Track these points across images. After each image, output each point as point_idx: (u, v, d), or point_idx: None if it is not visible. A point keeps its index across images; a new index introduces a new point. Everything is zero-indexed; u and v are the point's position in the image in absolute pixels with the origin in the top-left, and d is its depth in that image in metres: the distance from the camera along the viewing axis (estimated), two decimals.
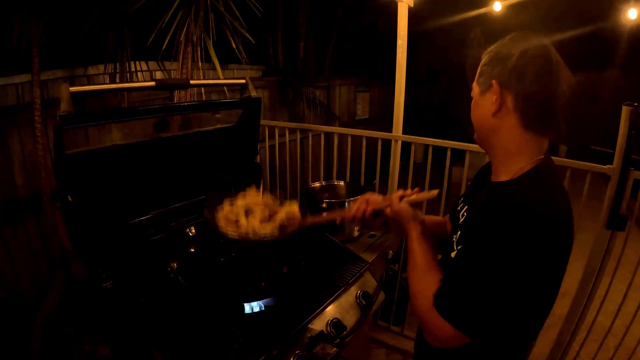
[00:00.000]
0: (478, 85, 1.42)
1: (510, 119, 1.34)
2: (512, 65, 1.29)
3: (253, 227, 2.02)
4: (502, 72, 1.32)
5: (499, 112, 1.35)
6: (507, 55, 1.31)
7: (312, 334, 1.81)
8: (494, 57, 1.36)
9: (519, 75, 1.29)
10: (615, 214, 2.72)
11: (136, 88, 2.62)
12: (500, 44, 1.38)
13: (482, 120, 1.42)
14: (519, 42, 1.33)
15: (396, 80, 3.44)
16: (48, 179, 3.30)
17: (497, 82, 1.32)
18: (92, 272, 2.05)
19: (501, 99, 1.33)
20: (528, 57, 1.28)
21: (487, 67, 1.38)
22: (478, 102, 1.43)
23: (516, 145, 1.36)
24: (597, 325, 3.02)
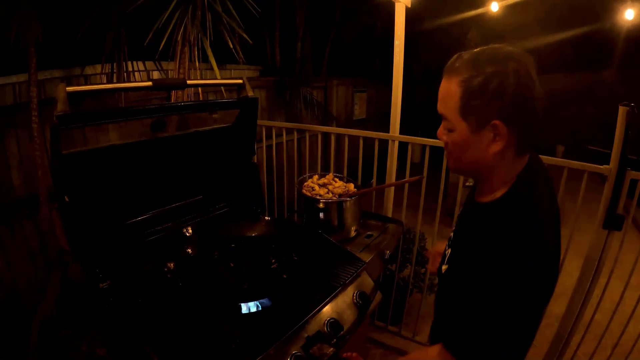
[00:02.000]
0: (465, 121, 1.27)
1: (510, 151, 1.28)
2: (512, 100, 1.19)
3: (320, 193, 2.79)
4: (501, 109, 1.20)
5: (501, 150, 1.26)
6: (500, 88, 1.18)
7: (310, 334, 1.81)
8: (483, 90, 1.20)
9: (520, 109, 1.21)
10: (612, 214, 2.73)
11: (133, 88, 2.62)
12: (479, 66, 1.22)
13: (475, 159, 1.32)
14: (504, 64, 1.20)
15: (393, 81, 3.44)
16: (45, 179, 3.30)
17: (500, 121, 1.21)
18: (89, 273, 2.05)
19: (507, 135, 1.23)
20: (521, 84, 1.19)
21: (478, 102, 1.22)
22: (469, 142, 1.29)
23: (509, 170, 1.32)
24: (594, 325, 3.03)
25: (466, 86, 1.23)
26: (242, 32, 3.76)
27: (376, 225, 2.97)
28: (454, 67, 1.27)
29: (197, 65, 3.61)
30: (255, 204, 3.01)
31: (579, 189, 2.84)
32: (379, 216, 3.12)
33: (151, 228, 2.49)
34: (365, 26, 9.37)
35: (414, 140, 3.44)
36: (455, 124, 1.29)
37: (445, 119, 1.33)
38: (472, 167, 1.36)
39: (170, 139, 2.58)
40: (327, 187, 2.87)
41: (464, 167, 1.40)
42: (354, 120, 9.52)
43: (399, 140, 3.51)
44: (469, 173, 1.43)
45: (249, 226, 2.81)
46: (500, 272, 1.18)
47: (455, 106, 1.27)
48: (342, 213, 2.71)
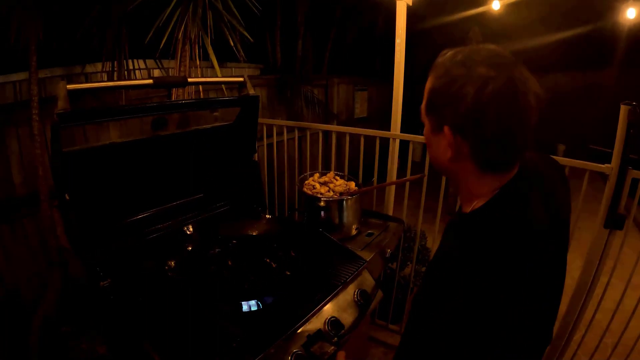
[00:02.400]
0: (428, 118, 1.21)
1: (468, 164, 1.16)
2: (467, 109, 1.06)
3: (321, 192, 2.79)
4: (455, 115, 1.09)
5: (454, 159, 1.16)
6: (459, 94, 1.06)
7: (310, 333, 1.81)
8: (443, 93, 1.11)
9: (476, 121, 1.06)
10: (613, 213, 2.72)
11: (133, 86, 2.61)
12: (448, 69, 1.12)
13: (437, 161, 1.25)
14: (474, 69, 1.07)
15: (394, 79, 3.44)
16: (45, 177, 3.29)
17: (449, 128, 1.11)
18: (89, 271, 2.05)
19: (455, 146, 1.13)
20: (486, 96, 1.04)
21: (437, 102, 1.15)
22: (430, 140, 1.23)
23: (473, 185, 1.19)
24: (595, 324, 3.02)
25: (433, 84, 1.15)
26: (243, 30, 3.76)
27: (377, 224, 2.97)
28: (437, 62, 1.18)
29: (197, 63, 3.61)
30: (256, 202, 3.01)
31: (580, 188, 2.83)
32: (380, 215, 3.12)
33: (152, 226, 2.49)
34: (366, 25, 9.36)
35: (415, 139, 3.43)
36: (423, 119, 1.24)
37: (421, 114, 1.24)
38: (438, 168, 1.29)
39: (171, 137, 2.58)
40: (328, 185, 2.86)
41: (434, 166, 1.32)
42: (355, 119, 9.52)
43: (400, 138, 3.50)
44: (441, 173, 1.32)
45: (250, 224, 2.80)
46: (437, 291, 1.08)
47: (425, 101, 1.20)
48: (343, 211, 2.70)
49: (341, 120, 8.70)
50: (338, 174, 3.01)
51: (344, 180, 2.95)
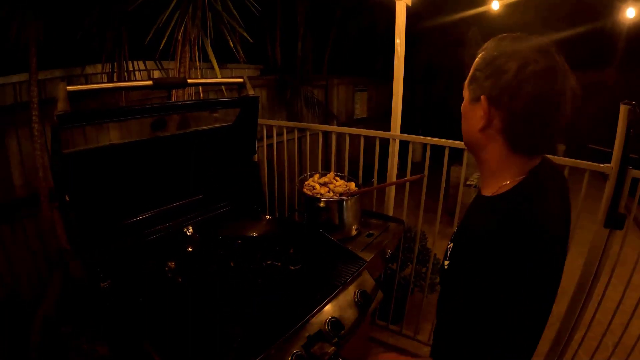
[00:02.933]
0: (468, 90, 1.29)
1: (497, 139, 1.23)
2: (506, 82, 1.14)
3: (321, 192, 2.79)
4: (494, 87, 1.17)
5: (486, 129, 1.23)
6: (503, 68, 1.15)
7: (311, 333, 1.81)
8: (488, 64, 1.20)
9: (512, 95, 1.14)
10: (613, 213, 2.73)
11: (133, 87, 2.62)
12: (497, 46, 1.21)
13: (469, 132, 1.31)
14: (520, 51, 1.15)
15: (394, 79, 3.44)
16: (46, 179, 3.30)
17: (486, 98, 1.19)
18: (90, 272, 2.05)
19: (489, 117, 1.20)
20: (527, 74, 1.12)
21: (480, 74, 1.23)
22: (467, 111, 1.31)
23: (501, 165, 1.26)
24: (595, 324, 3.03)
25: (482, 57, 1.24)
26: (243, 31, 3.76)
27: (377, 224, 2.97)
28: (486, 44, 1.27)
29: (197, 64, 3.61)
30: (256, 203, 3.01)
31: (580, 187, 2.83)
32: (380, 215, 3.12)
33: (152, 227, 2.50)
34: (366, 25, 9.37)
35: (415, 139, 3.43)
36: (464, 93, 1.31)
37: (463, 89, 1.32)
38: (467, 139, 1.35)
39: (171, 138, 2.58)
40: (328, 186, 2.86)
41: (465, 140, 1.37)
42: (355, 119, 9.52)
43: (400, 139, 3.50)
44: (470, 148, 1.37)
45: (250, 225, 2.80)
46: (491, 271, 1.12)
47: (469, 74, 1.28)
48: (343, 212, 2.71)
49: (341, 120, 8.70)
50: (338, 175, 3.00)
51: (344, 181, 2.95)
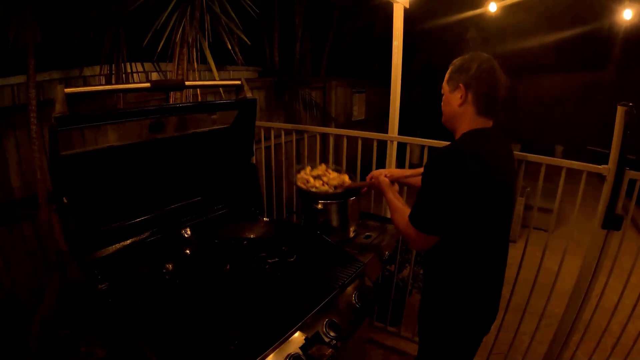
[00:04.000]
0: (448, 86, 2.04)
1: (469, 108, 1.98)
2: (472, 74, 1.93)
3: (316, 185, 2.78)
4: (466, 78, 1.95)
5: (462, 104, 1.98)
6: (469, 67, 1.94)
7: (309, 335, 1.81)
8: (459, 68, 1.98)
9: (476, 80, 1.93)
10: (610, 214, 2.73)
11: (131, 89, 2.62)
12: (462, 59, 1.99)
13: (450, 110, 2.05)
14: (476, 59, 1.94)
15: (392, 81, 3.45)
16: (44, 181, 3.30)
17: (463, 85, 1.96)
18: (87, 274, 2.05)
19: (465, 96, 1.96)
20: (482, 69, 1.92)
21: (455, 75, 2.00)
22: (449, 98, 2.04)
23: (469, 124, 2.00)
24: (593, 324, 3.03)
25: (453, 66, 2.03)
26: (241, 33, 3.76)
27: (375, 226, 2.97)
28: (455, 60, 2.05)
29: (195, 66, 3.61)
30: (254, 205, 3.01)
31: (578, 189, 2.84)
32: (377, 217, 3.12)
33: (150, 229, 2.49)
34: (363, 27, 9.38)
35: (413, 141, 3.44)
36: (444, 88, 2.07)
37: (442, 88, 2.08)
38: (449, 116, 2.08)
39: (169, 140, 2.58)
40: (322, 178, 2.86)
41: (445, 117, 2.11)
42: (353, 121, 9.53)
43: (398, 140, 3.51)
44: (449, 122, 2.10)
45: (248, 227, 2.81)
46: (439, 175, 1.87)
47: (446, 78, 2.05)
48: (341, 213, 2.70)
49: (339, 122, 8.71)
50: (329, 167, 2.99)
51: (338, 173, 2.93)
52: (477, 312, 2.09)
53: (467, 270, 2.01)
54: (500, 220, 2.04)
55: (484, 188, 1.86)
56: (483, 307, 2.12)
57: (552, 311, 3.16)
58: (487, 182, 1.87)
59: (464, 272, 2.01)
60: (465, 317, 2.07)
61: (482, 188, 1.85)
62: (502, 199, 1.99)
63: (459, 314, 2.06)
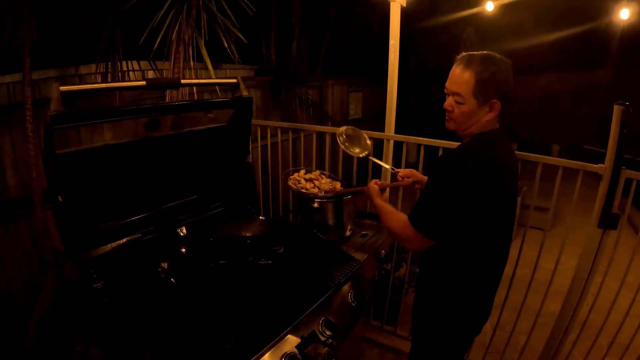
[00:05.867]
0: (475, 99, 1.87)
1: (493, 115, 1.89)
2: (504, 87, 1.84)
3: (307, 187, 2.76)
4: (499, 92, 1.84)
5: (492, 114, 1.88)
6: (499, 80, 1.82)
7: (304, 334, 1.81)
8: (490, 80, 1.81)
9: (507, 93, 1.85)
10: (607, 213, 2.73)
11: (126, 87, 2.61)
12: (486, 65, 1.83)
13: (474, 122, 1.92)
14: (500, 66, 1.83)
15: (388, 80, 3.44)
16: (39, 179, 3.29)
17: (497, 99, 1.84)
18: (83, 273, 2.05)
19: (497, 107, 1.86)
20: (509, 79, 1.84)
21: (485, 88, 1.83)
22: (475, 111, 1.89)
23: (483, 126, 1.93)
24: (589, 323, 3.03)
25: (479, 77, 1.83)
26: (237, 32, 3.76)
27: (371, 225, 2.97)
28: (469, 62, 1.87)
29: (191, 64, 3.61)
30: (250, 204, 3.01)
31: (575, 188, 2.84)
32: (374, 216, 3.11)
33: (145, 228, 2.49)
34: (360, 26, 9.37)
35: (409, 140, 3.43)
36: (467, 100, 1.88)
37: (459, 96, 1.90)
38: (468, 127, 1.96)
39: (165, 139, 2.57)
40: (314, 182, 2.84)
41: (461, 128, 1.98)
42: (350, 120, 9.52)
43: (394, 139, 3.50)
44: (462, 131, 1.99)
45: (244, 226, 2.80)
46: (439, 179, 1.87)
47: (469, 88, 1.86)
48: (337, 212, 2.70)
49: (336, 121, 8.70)
50: (324, 173, 2.99)
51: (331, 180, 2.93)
52: (470, 314, 2.09)
53: (465, 273, 1.99)
54: (503, 227, 2.01)
55: (495, 195, 1.84)
56: (477, 310, 2.11)
57: (549, 310, 3.16)
58: (497, 189, 1.85)
59: (461, 275, 2.00)
60: (459, 318, 2.06)
61: (493, 195, 1.82)
62: (509, 206, 2.00)
63: (452, 315, 2.06)
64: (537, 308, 3.13)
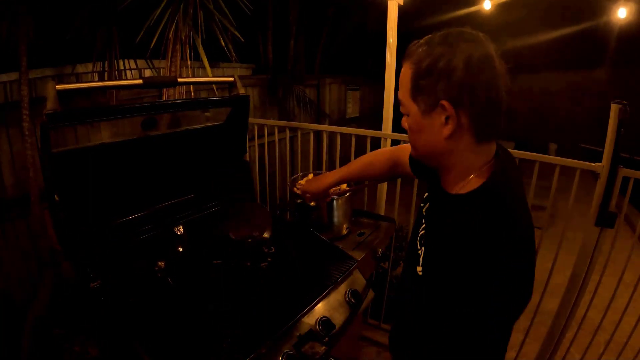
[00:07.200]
0: (415, 103, 1.24)
1: (466, 137, 1.21)
2: (460, 78, 1.13)
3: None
4: (450, 88, 1.15)
5: (452, 134, 1.20)
6: (450, 67, 1.14)
7: (302, 333, 1.80)
8: (430, 70, 1.17)
9: (471, 90, 1.14)
10: (604, 212, 2.73)
11: (123, 86, 2.60)
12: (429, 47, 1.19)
13: (431, 145, 1.28)
14: (457, 45, 1.15)
15: (386, 79, 3.44)
16: (36, 178, 3.28)
17: (448, 101, 1.16)
18: (80, 273, 2.04)
19: (456, 119, 1.17)
20: (475, 64, 1.13)
21: (425, 82, 1.19)
22: (421, 125, 1.27)
23: (471, 160, 1.26)
24: (587, 321, 3.04)
25: (416, 67, 1.20)
26: (234, 30, 3.76)
27: (368, 223, 2.96)
28: (409, 51, 1.26)
29: (189, 63, 3.61)
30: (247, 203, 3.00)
31: (572, 186, 2.84)
32: (371, 214, 3.11)
33: (142, 227, 2.48)
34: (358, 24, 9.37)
35: (407, 138, 3.42)
36: (408, 107, 1.28)
37: (402, 104, 1.31)
38: (429, 153, 1.33)
39: (162, 137, 2.56)
40: None
41: (422, 154, 1.37)
42: (347, 119, 9.53)
43: (392, 138, 3.50)
44: (429, 160, 1.37)
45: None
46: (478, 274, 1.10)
47: (407, 88, 1.25)
48: (334, 211, 2.70)
49: (333, 120, 8.71)
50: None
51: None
52: None
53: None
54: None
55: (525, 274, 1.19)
56: None
57: (546, 308, 3.16)
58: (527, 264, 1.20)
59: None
60: None
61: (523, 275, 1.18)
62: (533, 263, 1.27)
63: None
64: (535, 306, 3.13)
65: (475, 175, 1.25)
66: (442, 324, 1.19)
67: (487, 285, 1.10)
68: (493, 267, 1.10)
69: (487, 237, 1.12)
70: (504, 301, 1.14)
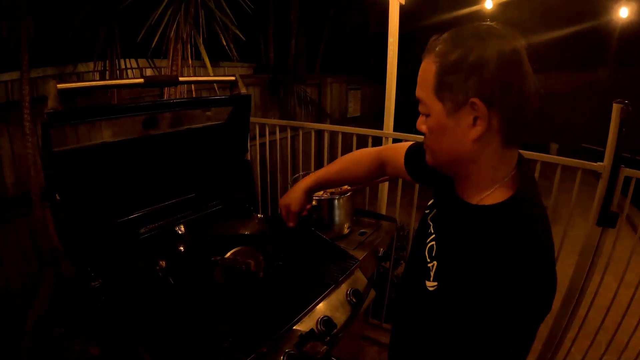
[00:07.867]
0: (440, 101, 1.12)
1: (494, 141, 1.11)
2: (492, 74, 1.03)
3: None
4: (482, 85, 1.04)
5: (481, 136, 1.09)
6: (481, 62, 1.03)
7: (303, 332, 1.80)
8: (459, 64, 1.05)
9: (505, 88, 1.04)
10: (606, 211, 2.73)
11: (124, 85, 2.61)
12: (457, 41, 1.09)
13: (453, 149, 1.16)
14: (489, 40, 1.05)
15: (387, 78, 3.43)
16: (37, 178, 3.28)
17: (480, 99, 1.04)
18: (80, 271, 2.04)
19: (487, 120, 1.06)
20: (507, 62, 1.03)
21: (453, 77, 1.07)
22: (444, 126, 1.13)
23: (496, 166, 1.16)
24: (588, 322, 3.03)
25: (442, 61, 1.09)
26: (236, 29, 3.75)
27: (369, 223, 2.96)
28: (431, 45, 1.16)
29: (190, 62, 3.60)
30: (248, 202, 3.00)
31: (573, 186, 2.84)
32: (372, 213, 3.11)
33: (143, 226, 2.48)
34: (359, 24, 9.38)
35: (408, 138, 3.42)
36: (430, 106, 1.15)
37: (422, 103, 1.18)
38: (451, 158, 1.20)
39: (163, 136, 2.56)
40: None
41: (443, 161, 1.23)
42: (348, 118, 9.54)
43: (393, 137, 3.49)
44: (449, 168, 1.25)
45: (242, 224, 2.79)
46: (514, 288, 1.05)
47: (430, 85, 1.13)
48: (335, 210, 2.69)
49: (334, 119, 8.71)
50: None
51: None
52: None
53: None
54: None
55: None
56: None
57: None
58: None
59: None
60: None
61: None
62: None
63: None
64: None
65: (500, 185, 1.17)
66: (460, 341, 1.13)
67: (521, 301, 1.06)
68: (525, 284, 1.06)
69: (521, 254, 1.06)
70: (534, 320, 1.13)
